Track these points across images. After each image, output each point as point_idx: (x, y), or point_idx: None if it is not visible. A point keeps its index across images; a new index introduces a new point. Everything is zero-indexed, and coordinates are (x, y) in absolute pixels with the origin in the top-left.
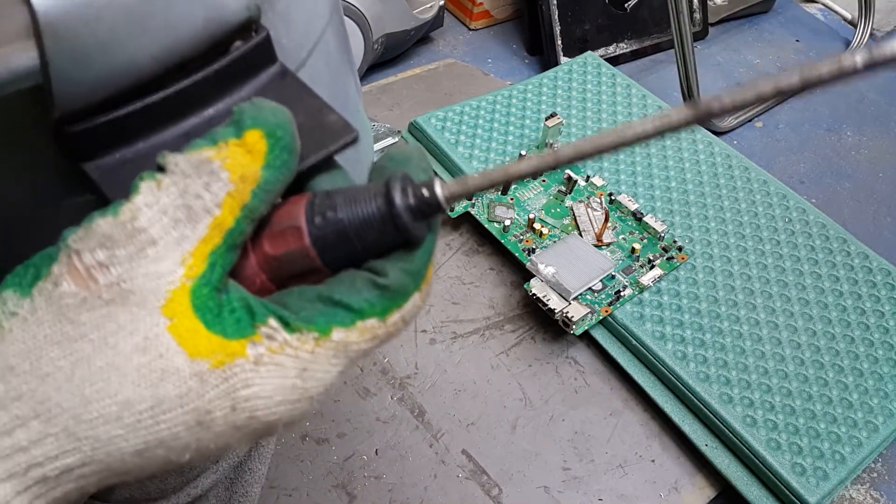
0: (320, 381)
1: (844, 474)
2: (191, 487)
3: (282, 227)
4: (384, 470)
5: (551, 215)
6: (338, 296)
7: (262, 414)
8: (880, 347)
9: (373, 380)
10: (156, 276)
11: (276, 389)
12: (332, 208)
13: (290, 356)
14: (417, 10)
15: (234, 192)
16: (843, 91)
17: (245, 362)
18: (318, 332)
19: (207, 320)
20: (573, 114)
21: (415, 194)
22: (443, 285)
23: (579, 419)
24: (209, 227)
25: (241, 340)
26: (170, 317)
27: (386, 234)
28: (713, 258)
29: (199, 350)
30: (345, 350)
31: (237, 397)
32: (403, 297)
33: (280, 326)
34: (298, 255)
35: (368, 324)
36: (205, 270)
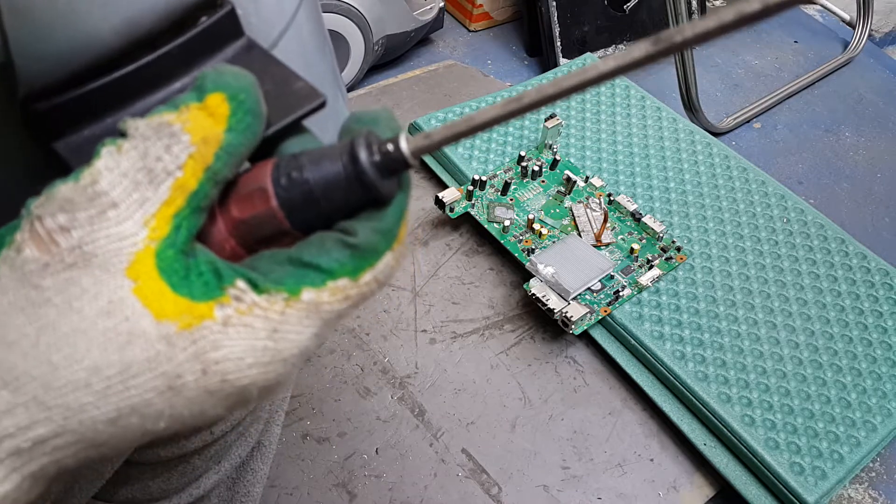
0: (293, 343)
1: (843, 473)
2: (193, 487)
3: (248, 189)
4: (384, 469)
5: (550, 216)
6: (307, 257)
7: (233, 377)
8: (878, 347)
9: (373, 379)
10: (118, 238)
11: (247, 351)
12: (298, 169)
13: (260, 317)
14: (417, 11)
15: (195, 155)
16: (841, 92)
17: (213, 324)
18: (288, 292)
19: (173, 282)
20: (572, 115)
21: (380, 150)
22: (443, 285)
23: (578, 418)
24: (171, 189)
25: (208, 302)
26: (134, 279)
27: (353, 193)
28: (711, 258)
29: (166, 312)
30: (316, 310)
31: (207, 359)
32: (374, 255)
33: (248, 287)
34: (266, 218)
35: (340, 283)
36: (169, 232)
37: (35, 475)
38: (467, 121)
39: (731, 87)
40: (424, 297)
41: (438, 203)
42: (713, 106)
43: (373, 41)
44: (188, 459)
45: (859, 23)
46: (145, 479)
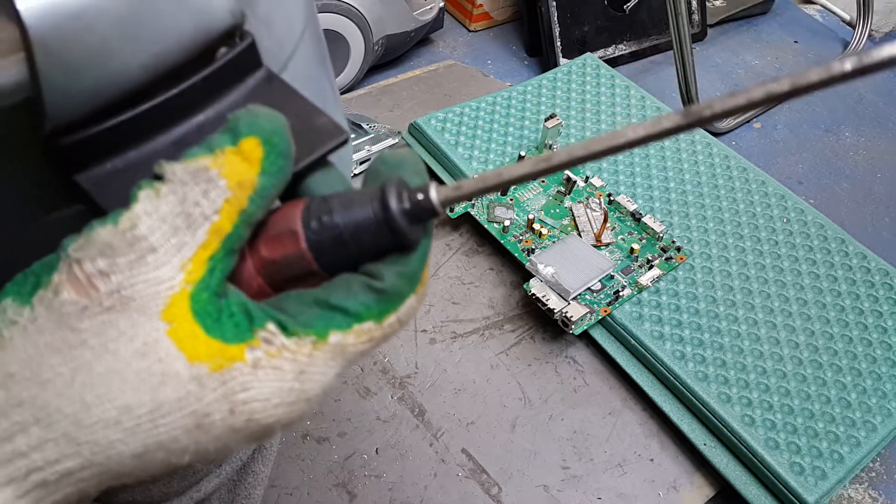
0: (318, 383)
1: (843, 473)
2: (193, 491)
3: (278, 231)
4: (384, 469)
5: (550, 216)
6: (335, 300)
7: (260, 416)
8: (878, 347)
9: (373, 379)
10: (156, 283)
11: (274, 392)
12: (329, 212)
13: (288, 360)
14: (417, 11)
15: (231, 199)
16: (841, 92)
17: (243, 366)
18: (316, 335)
19: (207, 325)
20: (572, 115)
21: (410, 199)
22: (443, 285)
23: (578, 418)
24: (208, 233)
25: (239, 345)
26: (169, 321)
27: (381, 238)
28: (711, 258)
29: (199, 354)
30: (342, 352)
31: (235, 400)
32: (399, 299)
33: (278, 331)
34: (295, 259)
35: (365, 327)
36: (204, 275)
37: (58, 503)
38: (497, 176)
39: (731, 86)
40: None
41: None
42: None
43: (373, 41)
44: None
45: (859, 23)
46: (145, 483)
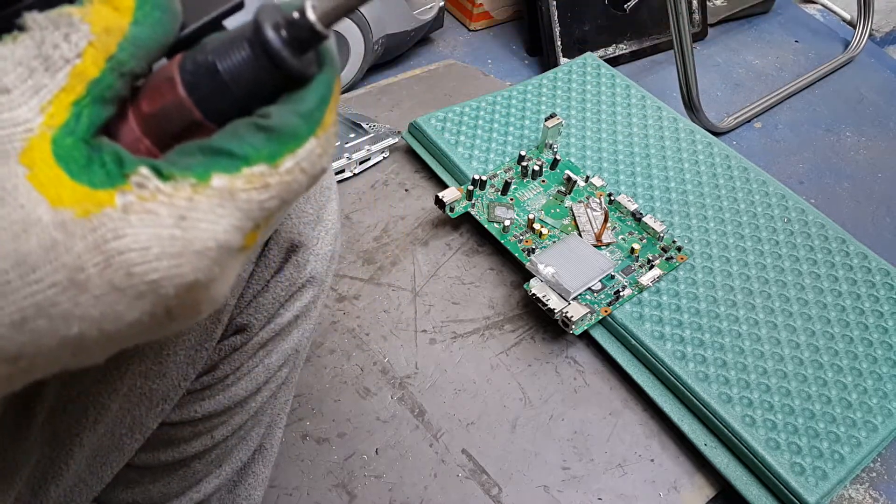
0: (205, 233)
1: (843, 474)
2: (193, 492)
3: (156, 82)
4: (384, 469)
5: (551, 216)
6: (217, 143)
7: (140, 269)
8: (879, 347)
9: (373, 380)
10: (11, 125)
11: (152, 240)
12: (203, 53)
13: (164, 204)
14: (417, 11)
15: (96, 43)
16: (842, 92)
17: (113, 211)
18: (196, 178)
19: (71, 170)
20: (573, 114)
21: (285, 20)
22: (443, 285)
23: (579, 419)
24: (69, 76)
25: (108, 190)
26: (28, 165)
27: (263, 71)
28: (712, 258)
29: (62, 199)
30: (231, 199)
31: (108, 250)
32: (294, 140)
33: (152, 174)
34: (175, 108)
35: (256, 170)
36: (67, 119)
37: None
38: None
39: (731, 86)
40: (424, 297)
41: (438, 203)
42: (714, 105)
43: (372, 40)
44: (188, 464)
45: (860, 22)
46: (145, 483)
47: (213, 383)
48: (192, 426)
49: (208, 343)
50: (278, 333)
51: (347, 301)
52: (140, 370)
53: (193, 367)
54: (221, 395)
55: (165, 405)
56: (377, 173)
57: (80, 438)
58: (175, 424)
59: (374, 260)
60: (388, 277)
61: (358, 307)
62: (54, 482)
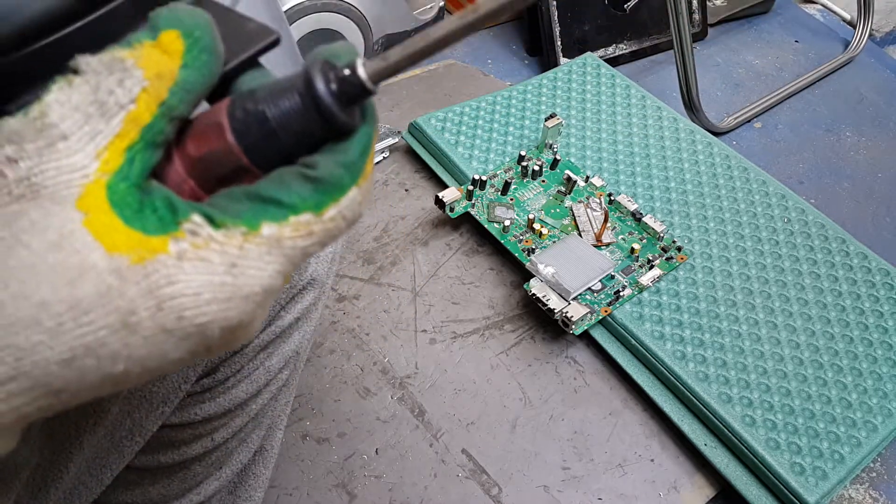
0: (253, 279)
1: (843, 474)
2: (193, 493)
3: (204, 126)
4: (384, 469)
5: (551, 216)
6: (266, 192)
7: (191, 314)
8: (879, 347)
9: (373, 380)
10: (68, 171)
11: (204, 286)
12: (254, 101)
13: (217, 251)
14: (417, 11)
15: (149, 89)
16: (842, 92)
17: (167, 258)
18: (247, 226)
19: (126, 216)
20: (573, 114)
21: (336, 76)
22: (443, 285)
23: (579, 419)
24: (124, 122)
25: (162, 237)
26: (84, 211)
27: (311, 123)
28: (712, 258)
29: (117, 245)
30: (278, 246)
31: (161, 295)
32: (338, 190)
33: (205, 222)
34: (222, 153)
35: (303, 219)
36: (121, 165)
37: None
38: (424, 37)
39: (731, 86)
40: (424, 297)
41: (438, 203)
42: (714, 105)
43: (372, 41)
44: (188, 466)
45: (860, 22)
46: (145, 485)
47: (214, 386)
48: (192, 428)
49: None
50: (279, 336)
51: (347, 301)
52: None
53: (194, 369)
54: (222, 398)
55: (165, 408)
56: (377, 173)
57: (80, 441)
58: (175, 427)
59: (374, 260)
60: (388, 277)
61: (358, 307)
62: (54, 485)
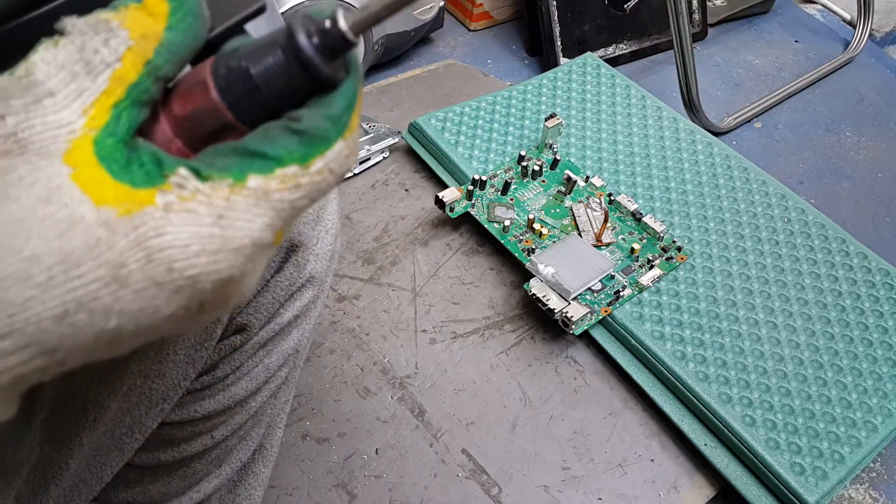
0: (242, 231)
1: (843, 474)
2: (193, 491)
3: (189, 85)
4: (384, 469)
5: (551, 216)
6: (251, 145)
7: (180, 265)
8: (879, 347)
9: (373, 379)
10: (55, 126)
11: (192, 237)
12: (237, 58)
13: (203, 203)
14: (417, 11)
15: (134, 48)
16: (842, 91)
17: (154, 210)
18: (233, 178)
19: (113, 170)
20: (573, 114)
21: (317, 28)
22: (443, 285)
23: (579, 419)
24: (110, 80)
25: (149, 189)
26: (72, 165)
27: (295, 78)
28: (712, 258)
29: (105, 198)
30: (266, 199)
31: (150, 247)
32: (324, 142)
33: (191, 175)
34: (207, 111)
35: (289, 171)
36: (108, 122)
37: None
38: None
39: (731, 86)
40: (424, 297)
41: (438, 203)
42: (714, 105)
43: (372, 40)
44: (188, 464)
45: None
46: (145, 483)
47: (213, 383)
48: (191, 426)
49: (208, 343)
50: (278, 333)
51: (347, 301)
52: (139, 370)
53: (193, 366)
54: (221, 395)
55: (165, 405)
56: (377, 173)
57: (80, 438)
58: (175, 424)
59: (374, 260)
60: (388, 277)
61: (358, 307)
62: (54, 482)
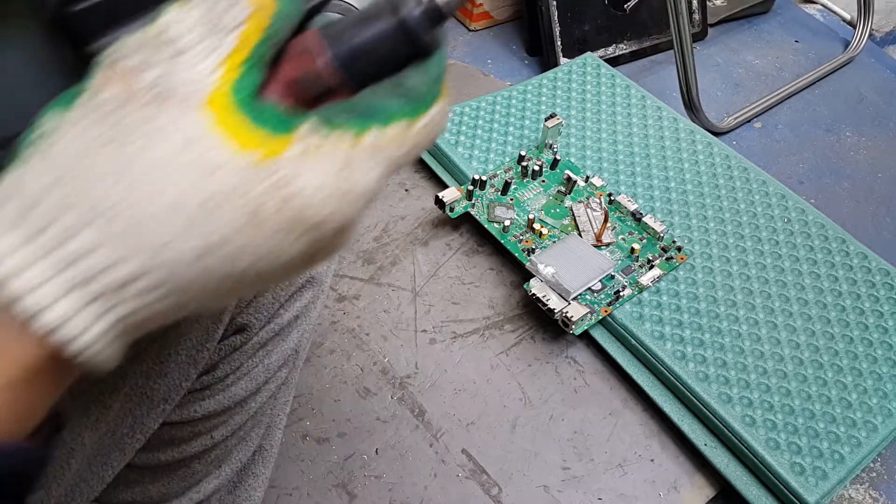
0: (361, 180)
1: (843, 474)
2: (193, 492)
3: (300, 50)
4: (384, 469)
5: (551, 216)
6: (366, 104)
7: (311, 209)
8: (879, 347)
9: (373, 379)
10: (192, 79)
11: (323, 183)
12: (347, 27)
13: (330, 152)
14: None
15: (255, 14)
16: (842, 92)
17: (290, 156)
18: (354, 132)
19: (252, 118)
20: (573, 114)
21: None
22: (443, 285)
23: (579, 419)
24: (238, 39)
25: (285, 135)
26: (213, 114)
27: (399, 44)
28: (712, 258)
29: (248, 143)
30: (379, 152)
31: (286, 190)
32: (425, 103)
33: (318, 126)
34: (317, 73)
35: (398, 128)
36: (240, 76)
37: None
38: None
39: (731, 86)
40: (424, 297)
41: (438, 203)
42: (714, 105)
43: None
44: (188, 464)
45: (860, 22)
46: (145, 483)
47: (213, 383)
48: (191, 426)
49: (209, 343)
50: (278, 333)
51: (347, 301)
52: (141, 370)
53: (194, 366)
54: (221, 395)
55: (166, 405)
56: None
57: (82, 438)
58: (175, 424)
59: (374, 260)
60: (388, 277)
61: (358, 307)
62: (56, 481)
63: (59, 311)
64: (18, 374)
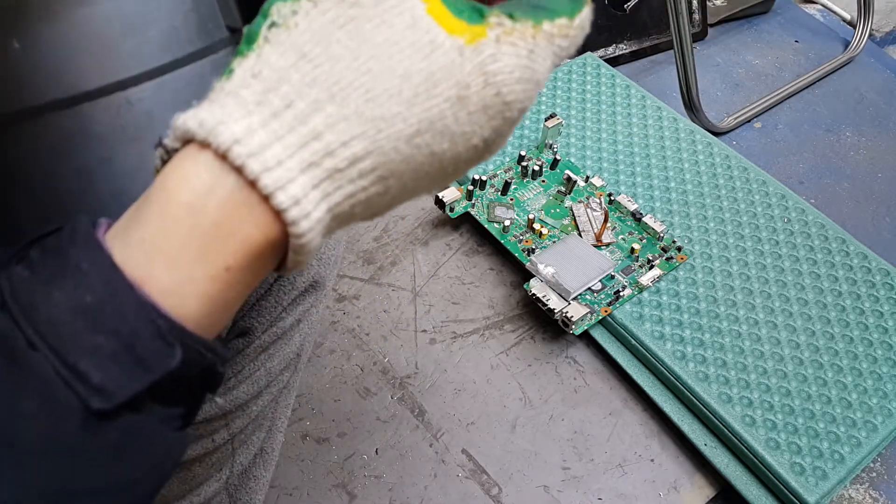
0: (541, 66)
1: (843, 474)
2: (193, 495)
3: None
4: (384, 469)
5: (551, 216)
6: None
7: (506, 90)
8: (879, 347)
9: (373, 379)
10: None
11: (515, 66)
12: None
13: (519, 39)
14: None
15: None
16: (842, 92)
17: (489, 41)
18: (534, 21)
19: (454, 9)
20: (573, 114)
21: None
22: (443, 285)
23: (579, 419)
24: None
25: (481, 25)
26: (424, 2)
27: None
28: (712, 258)
29: (455, 29)
30: (552, 42)
31: (488, 72)
32: (581, 3)
33: (506, 17)
34: None
35: (563, 21)
36: None
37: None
38: None
39: (731, 86)
40: (424, 297)
41: (438, 203)
42: (714, 105)
43: None
44: (188, 467)
45: (860, 22)
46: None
47: None
48: (192, 429)
49: None
50: (280, 337)
51: (347, 301)
52: None
53: None
54: (222, 398)
55: None
56: None
57: None
58: None
59: (374, 260)
60: (388, 277)
61: (358, 307)
62: None
63: (292, 192)
64: (244, 256)
